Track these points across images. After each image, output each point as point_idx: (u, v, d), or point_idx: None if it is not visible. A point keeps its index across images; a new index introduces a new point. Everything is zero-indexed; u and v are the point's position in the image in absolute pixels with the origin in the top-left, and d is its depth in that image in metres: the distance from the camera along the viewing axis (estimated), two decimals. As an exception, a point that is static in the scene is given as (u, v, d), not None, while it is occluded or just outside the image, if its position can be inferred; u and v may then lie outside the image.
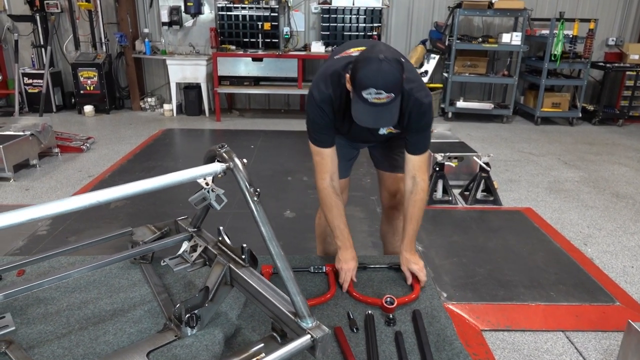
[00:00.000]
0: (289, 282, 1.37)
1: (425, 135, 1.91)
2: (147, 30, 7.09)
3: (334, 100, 1.80)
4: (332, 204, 1.95)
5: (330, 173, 1.94)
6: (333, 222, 1.96)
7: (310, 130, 1.91)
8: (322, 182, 1.95)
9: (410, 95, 1.76)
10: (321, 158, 1.93)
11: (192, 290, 1.89)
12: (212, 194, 1.42)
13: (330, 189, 1.94)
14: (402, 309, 1.78)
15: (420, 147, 1.94)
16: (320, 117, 1.84)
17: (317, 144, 1.92)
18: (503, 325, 2.35)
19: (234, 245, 1.69)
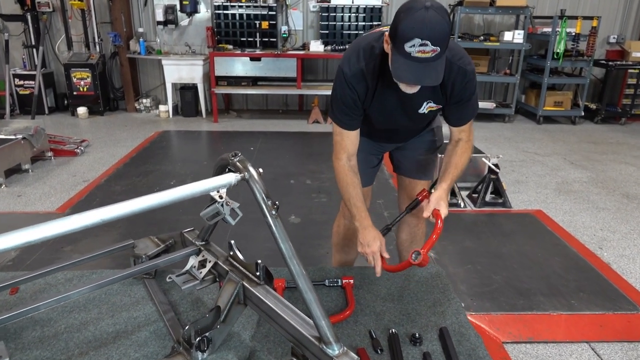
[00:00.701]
0: (312, 304, 1.25)
1: (470, 104, 1.77)
2: (141, 29, 6.92)
3: (367, 74, 1.65)
4: (347, 182, 1.79)
5: (348, 153, 1.79)
6: (349, 201, 1.79)
7: (335, 109, 1.75)
8: (337, 161, 1.81)
9: (452, 63, 1.62)
10: (341, 138, 1.78)
11: (200, 307, 1.77)
12: (226, 207, 1.29)
13: (346, 167, 1.79)
14: (427, 326, 1.66)
15: (465, 119, 1.81)
16: (348, 95, 1.68)
17: (340, 124, 1.77)
18: (525, 337, 2.24)
19: (247, 261, 1.56)
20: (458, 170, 1.80)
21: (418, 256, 1.57)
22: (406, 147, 2.12)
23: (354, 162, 1.83)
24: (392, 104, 1.74)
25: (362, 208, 1.78)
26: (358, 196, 1.79)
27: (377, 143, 2.08)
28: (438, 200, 1.71)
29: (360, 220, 1.78)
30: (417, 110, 1.77)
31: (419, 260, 1.56)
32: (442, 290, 1.87)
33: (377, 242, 1.74)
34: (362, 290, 1.86)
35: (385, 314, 1.71)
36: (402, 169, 2.20)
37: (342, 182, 1.81)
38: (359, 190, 1.79)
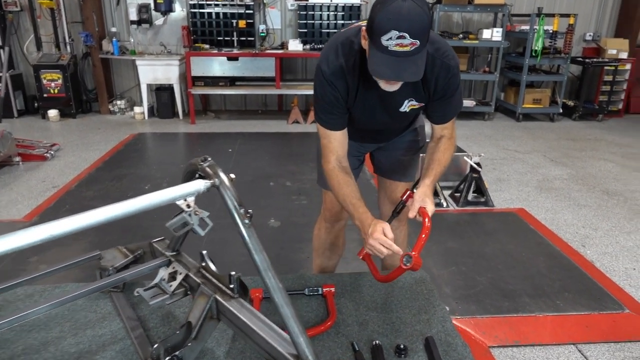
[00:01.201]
0: (289, 320, 1.16)
1: (454, 101, 1.69)
2: (114, 29, 6.72)
3: (347, 72, 1.56)
4: (339, 182, 1.66)
5: (337, 155, 1.69)
6: (345, 201, 1.65)
7: (318, 110, 1.66)
8: (327, 164, 1.70)
9: (434, 58, 1.54)
10: (328, 141, 1.68)
11: (172, 322, 1.66)
12: (194, 217, 1.19)
13: (337, 169, 1.68)
14: (413, 336, 1.58)
15: (449, 116, 1.74)
16: (330, 93, 1.59)
17: (325, 125, 1.67)
18: (511, 341, 2.19)
19: (222, 271, 1.46)
20: (441, 167, 1.73)
21: (409, 260, 1.48)
22: (388, 147, 2.04)
23: (345, 164, 1.73)
24: (372, 102, 1.66)
25: (359, 204, 1.63)
26: (353, 193, 1.65)
27: (358, 143, 2.00)
28: (423, 198, 1.63)
29: (359, 218, 1.61)
30: (399, 109, 1.69)
31: (411, 264, 1.47)
32: (426, 296, 1.80)
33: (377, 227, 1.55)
34: (343, 299, 1.77)
35: (368, 324, 1.63)
36: (382, 169, 2.12)
37: (334, 183, 1.69)
38: (353, 187, 1.67)
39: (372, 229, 1.54)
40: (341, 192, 1.66)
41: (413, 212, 1.62)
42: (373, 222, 1.57)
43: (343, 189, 1.66)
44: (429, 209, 1.61)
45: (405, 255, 1.49)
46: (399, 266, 1.50)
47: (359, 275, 1.93)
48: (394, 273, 1.57)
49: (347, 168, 1.72)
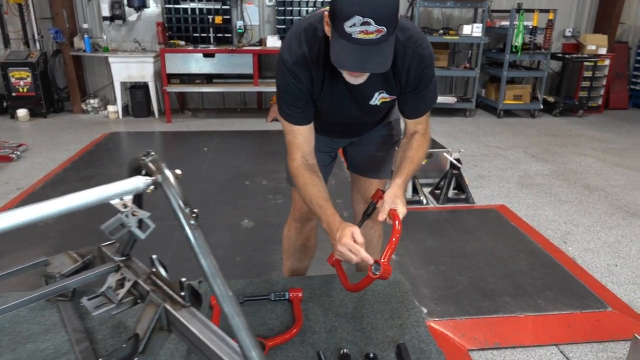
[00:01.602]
0: (240, 332, 1.03)
1: (427, 93, 1.57)
2: (86, 25, 6.50)
3: (310, 61, 1.43)
4: (305, 182, 1.53)
5: (303, 152, 1.56)
6: (312, 202, 1.51)
7: (281, 102, 1.54)
8: (292, 162, 1.57)
9: (406, 47, 1.42)
10: (293, 137, 1.56)
11: (122, 334, 1.52)
12: (132, 218, 1.05)
13: (302, 167, 1.55)
14: (384, 343, 1.47)
15: (422, 110, 1.62)
16: (293, 85, 1.46)
17: (289, 119, 1.54)
18: (491, 343, 2.10)
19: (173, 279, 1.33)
20: (414, 165, 1.60)
21: (378, 268, 1.35)
22: (361, 143, 1.92)
23: (312, 162, 1.60)
24: (340, 95, 1.54)
25: (326, 206, 1.49)
26: (320, 194, 1.51)
27: (329, 138, 1.88)
28: (393, 199, 1.50)
29: (327, 221, 1.46)
30: (369, 102, 1.57)
31: (380, 272, 1.35)
32: (401, 299, 1.69)
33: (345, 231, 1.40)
34: (311, 304, 1.65)
35: (336, 331, 1.51)
36: (355, 166, 2.00)
37: (300, 183, 1.55)
38: (320, 187, 1.53)
39: (341, 233, 1.40)
40: (307, 193, 1.52)
41: (383, 215, 1.50)
42: (341, 225, 1.43)
43: (309, 189, 1.52)
44: (399, 211, 1.49)
45: (374, 264, 1.37)
46: (367, 275, 1.38)
47: (330, 278, 1.81)
48: (362, 282, 1.45)
49: (315, 166, 1.59)
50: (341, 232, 1.41)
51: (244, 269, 2.63)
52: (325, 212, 1.48)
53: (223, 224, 3.21)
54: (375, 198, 1.59)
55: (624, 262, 2.82)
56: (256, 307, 1.63)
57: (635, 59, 7.35)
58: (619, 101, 7.31)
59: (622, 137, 5.78)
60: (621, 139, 5.66)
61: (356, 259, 1.38)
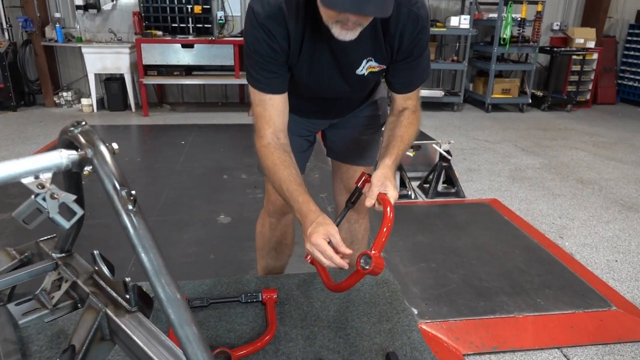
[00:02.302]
0: (189, 345, 0.82)
1: (421, 63, 1.36)
2: (58, 14, 6.18)
3: (287, 15, 1.20)
4: (276, 163, 1.28)
5: (274, 128, 1.32)
6: (282, 187, 1.26)
7: (250, 66, 1.29)
8: (260, 140, 1.32)
9: (400, 5, 1.21)
10: (263, 108, 1.31)
11: (63, 345, 1.29)
12: (51, 202, 0.82)
13: (272, 146, 1.30)
14: (371, 352, 1.26)
15: (414, 82, 1.41)
16: (265, 44, 1.23)
17: (259, 86, 1.30)
18: (489, 347, 1.91)
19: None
20: (404, 145, 1.37)
21: (368, 261, 1.11)
22: (343, 125, 1.70)
23: (284, 141, 1.35)
24: (323, 60, 1.31)
25: (298, 191, 1.24)
26: (292, 177, 1.26)
27: (307, 120, 1.66)
28: (383, 181, 1.26)
29: (299, 209, 1.21)
30: (355, 71, 1.34)
31: (370, 266, 1.11)
32: (389, 300, 1.49)
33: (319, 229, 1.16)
34: (287, 306, 1.44)
35: (316, 338, 1.30)
36: (337, 152, 1.79)
37: (268, 164, 1.30)
38: (292, 169, 1.29)
39: (313, 229, 1.16)
40: (277, 176, 1.27)
41: (371, 200, 1.25)
42: (317, 219, 1.18)
43: (279, 172, 1.27)
44: (390, 196, 1.25)
45: (362, 255, 1.13)
46: (356, 270, 1.14)
47: (309, 276, 1.60)
48: (349, 280, 1.20)
49: (287, 146, 1.35)
50: (313, 228, 1.16)
51: (217, 268, 2.41)
52: (297, 198, 1.23)
53: (197, 219, 2.98)
54: (360, 183, 1.37)
55: (624, 257, 2.66)
56: (224, 311, 1.41)
57: (623, 53, 7.27)
58: (607, 96, 7.22)
59: (611, 131, 5.67)
60: (611, 133, 5.55)
61: (327, 263, 1.14)
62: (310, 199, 1.24)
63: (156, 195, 3.33)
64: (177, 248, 2.61)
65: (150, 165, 4.06)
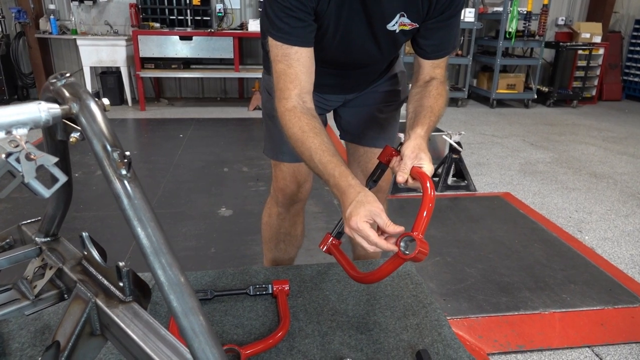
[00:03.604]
0: (194, 339, 0.67)
1: (455, 24, 1.21)
2: (52, 6, 6.00)
3: None
4: (304, 130, 1.09)
5: (301, 89, 1.13)
6: (313, 159, 1.07)
7: (274, 14, 1.09)
8: (284, 102, 1.13)
9: None
10: (287, 65, 1.12)
11: (48, 341, 1.13)
12: (25, 163, 0.67)
13: (299, 109, 1.12)
14: (398, 349, 1.11)
15: (447, 46, 1.25)
16: None
17: (284, 37, 1.10)
18: (514, 346, 1.76)
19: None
20: (435, 116, 1.20)
21: (410, 245, 0.93)
22: (359, 102, 1.54)
23: (310, 104, 1.16)
24: (352, 10, 1.12)
25: (334, 162, 1.05)
26: (325, 145, 1.08)
27: (320, 95, 1.49)
28: (417, 152, 1.08)
29: (336, 184, 1.03)
30: (386, 25, 1.16)
31: (414, 252, 0.91)
32: (414, 292, 1.34)
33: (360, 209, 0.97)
34: (301, 299, 1.28)
35: (335, 334, 1.15)
36: (353, 133, 1.63)
37: (295, 132, 1.11)
38: (324, 137, 1.10)
39: (353, 210, 0.97)
40: (306, 145, 1.08)
41: (404, 175, 1.08)
42: (357, 198, 0.99)
43: (309, 140, 1.08)
44: (426, 169, 1.08)
45: (403, 238, 0.94)
46: (395, 255, 0.95)
47: (324, 267, 1.45)
48: (385, 267, 0.98)
49: (314, 110, 1.16)
50: (353, 208, 0.98)
51: (218, 262, 2.26)
52: (333, 172, 1.04)
53: (197, 212, 2.82)
54: (385, 158, 1.17)
55: (648, 251, 2.53)
56: (230, 305, 1.26)
57: (629, 49, 7.15)
58: (612, 92, 7.10)
59: (620, 126, 5.54)
60: (620, 128, 5.42)
61: (372, 249, 0.97)
62: (349, 172, 1.05)
63: (153, 188, 3.18)
64: (175, 241, 2.46)
65: (147, 158, 3.90)
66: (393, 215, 1.03)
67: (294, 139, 1.11)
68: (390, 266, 0.98)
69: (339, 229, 1.18)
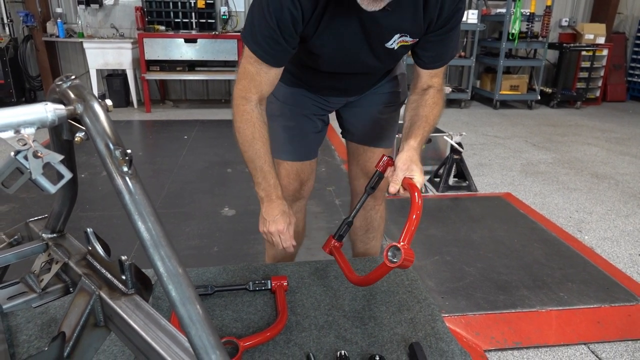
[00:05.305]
0: (192, 327, 0.70)
1: (454, 36, 1.25)
2: (60, 9, 6.10)
3: None
4: (254, 136, 1.26)
5: (260, 96, 1.25)
6: (254, 162, 1.29)
7: (259, 33, 1.13)
8: (243, 102, 1.24)
9: None
10: (257, 71, 1.20)
11: (54, 334, 1.17)
12: (33, 161, 0.71)
13: (255, 112, 1.25)
14: (392, 343, 1.14)
15: (445, 57, 1.30)
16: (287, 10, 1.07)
17: (261, 55, 1.16)
18: (511, 342, 1.79)
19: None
20: (429, 126, 1.28)
21: (397, 253, 1.01)
22: (360, 103, 1.58)
23: (263, 107, 1.30)
24: (351, 32, 1.17)
25: (271, 174, 1.31)
26: (267, 156, 1.29)
27: (322, 98, 1.53)
28: (409, 164, 1.17)
29: (266, 189, 1.32)
30: (385, 44, 1.22)
31: (399, 260, 1.01)
32: (409, 288, 1.37)
33: (284, 219, 1.32)
34: (299, 295, 1.32)
35: (331, 328, 1.18)
36: (354, 133, 1.67)
37: (247, 133, 1.27)
38: (268, 146, 1.30)
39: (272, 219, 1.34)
40: (253, 148, 1.28)
41: (395, 186, 1.16)
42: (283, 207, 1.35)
43: (257, 146, 1.27)
44: (417, 181, 1.16)
45: (390, 248, 1.02)
46: (382, 264, 1.03)
47: (322, 264, 1.48)
48: (374, 273, 1.10)
49: (264, 113, 1.29)
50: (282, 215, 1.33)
51: (221, 261, 2.30)
52: (269, 180, 1.32)
53: (200, 212, 2.87)
54: (381, 166, 1.25)
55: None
56: (229, 300, 1.30)
57: (633, 50, 7.14)
58: (617, 93, 7.09)
59: (623, 127, 5.54)
60: (623, 129, 5.42)
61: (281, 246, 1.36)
62: (278, 184, 1.34)
63: (157, 189, 3.23)
64: (178, 241, 2.51)
65: (151, 159, 3.95)
66: (394, 214, 1.10)
67: (243, 138, 1.29)
68: (378, 273, 1.09)
69: (340, 231, 1.35)
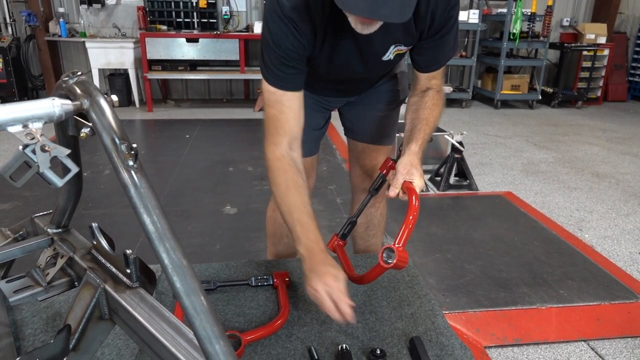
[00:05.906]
0: (196, 318, 0.72)
1: (450, 39, 1.25)
2: (62, 9, 6.12)
3: (314, 10, 1.11)
4: (287, 185, 1.19)
5: (290, 137, 1.21)
6: (291, 215, 1.17)
7: (270, 61, 1.17)
8: (273, 148, 1.21)
9: None
10: (279, 111, 1.19)
11: (59, 328, 1.18)
12: (41, 155, 0.73)
13: (286, 159, 1.20)
14: (393, 337, 1.16)
15: (442, 60, 1.31)
16: (290, 37, 1.12)
17: (278, 83, 1.18)
18: (511, 339, 1.80)
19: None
20: (430, 128, 1.29)
21: (392, 255, 1.05)
22: (361, 101, 1.60)
23: (297, 153, 1.24)
24: (347, 51, 1.22)
25: (311, 226, 1.15)
26: (304, 206, 1.17)
27: (323, 97, 1.56)
28: (409, 169, 1.18)
29: (307, 245, 1.13)
30: (381, 58, 1.25)
31: (394, 260, 1.05)
32: (410, 284, 1.38)
33: (336, 276, 1.08)
34: (301, 290, 1.34)
35: (332, 323, 1.20)
36: (355, 131, 1.69)
37: (280, 183, 1.20)
38: (305, 195, 1.19)
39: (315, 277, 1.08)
40: (288, 200, 1.18)
41: (395, 190, 1.18)
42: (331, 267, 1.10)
43: (291, 196, 1.18)
44: (416, 185, 1.17)
45: (385, 249, 1.06)
46: (378, 264, 1.08)
47: (323, 260, 1.50)
48: (370, 274, 1.15)
49: (299, 158, 1.23)
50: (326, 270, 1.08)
51: (223, 258, 2.31)
52: (308, 234, 1.14)
53: (202, 210, 2.88)
54: (385, 169, 1.30)
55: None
56: (232, 295, 1.31)
57: (634, 49, 7.14)
58: (618, 93, 7.10)
59: (624, 127, 5.55)
60: (624, 129, 5.43)
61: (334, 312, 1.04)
62: (320, 238, 1.15)
63: (160, 187, 3.24)
64: (181, 238, 2.49)
65: (153, 158, 3.97)
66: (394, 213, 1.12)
67: (277, 189, 1.21)
68: (374, 273, 1.13)
69: (344, 230, 1.38)
